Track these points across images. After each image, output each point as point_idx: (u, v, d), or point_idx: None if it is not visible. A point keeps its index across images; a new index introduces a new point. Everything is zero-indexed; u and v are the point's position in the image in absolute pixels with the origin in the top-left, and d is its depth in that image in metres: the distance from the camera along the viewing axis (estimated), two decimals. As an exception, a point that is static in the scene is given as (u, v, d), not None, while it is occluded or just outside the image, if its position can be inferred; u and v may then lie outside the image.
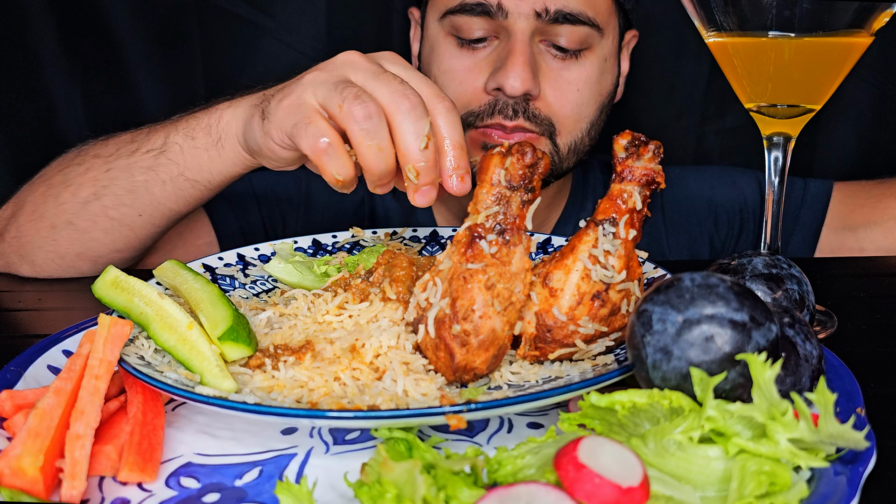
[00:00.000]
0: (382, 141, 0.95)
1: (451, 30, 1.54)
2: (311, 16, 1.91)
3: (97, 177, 1.32)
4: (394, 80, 0.97)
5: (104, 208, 1.32)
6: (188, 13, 1.89)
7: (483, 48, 1.52)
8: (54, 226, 1.36)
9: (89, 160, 1.35)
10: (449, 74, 1.56)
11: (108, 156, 1.33)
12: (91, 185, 1.33)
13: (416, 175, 0.95)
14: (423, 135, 0.94)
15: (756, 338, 0.71)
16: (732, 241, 1.77)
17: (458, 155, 0.97)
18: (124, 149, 1.32)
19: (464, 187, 0.98)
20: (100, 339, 0.80)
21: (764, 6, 0.99)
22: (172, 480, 0.76)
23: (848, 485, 0.68)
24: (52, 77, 1.86)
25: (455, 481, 0.65)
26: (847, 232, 1.65)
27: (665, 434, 0.69)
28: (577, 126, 1.56)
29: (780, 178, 1.10)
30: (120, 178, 1.30)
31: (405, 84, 0.97)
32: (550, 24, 1.47)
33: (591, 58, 1.53)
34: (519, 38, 1.46)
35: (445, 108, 0.98)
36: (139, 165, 1.29)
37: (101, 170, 1.32)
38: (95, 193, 1.32)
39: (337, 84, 0.98)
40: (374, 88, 0.97)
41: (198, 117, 1.24)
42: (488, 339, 0.81)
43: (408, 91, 0.96)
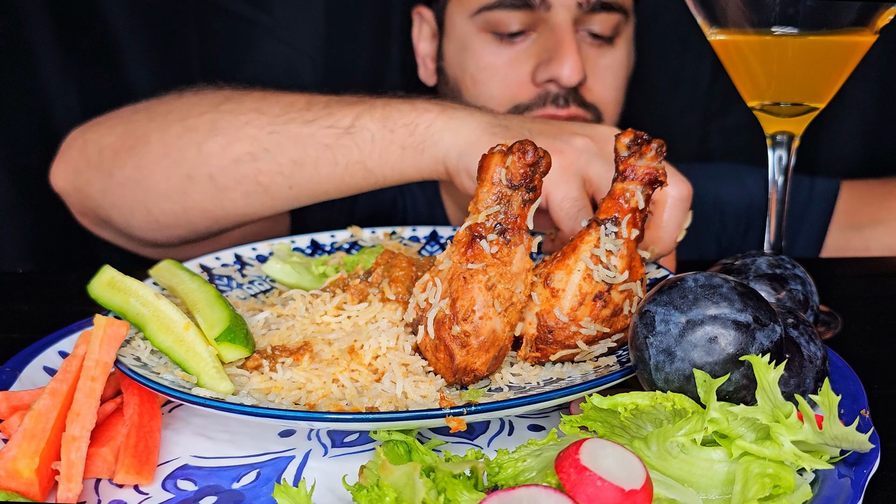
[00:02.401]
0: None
1: (485, 26, 1.54)
2: (309, 13, 1.91)
3: (258, 136, 1.19)
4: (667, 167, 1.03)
5: (257, 172, 1.20)
6: (185, 11, 1.88)
7: (521, 41, 1.54)
8: (192, 176, 1.22)
9: (248, 113, 1.21)
10: (490, 70, 1.56)
11: (276, 115, 1.20)
12: (249, 144, 1.19)
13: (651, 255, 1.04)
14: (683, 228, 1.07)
15: (760, 339, 0.71)
16: (739, 239, 1.77)
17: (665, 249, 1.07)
18: (297, 114, 1.19)
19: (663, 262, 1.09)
20: (96, 340, 0.80)
21: (767, 4, 0.99)
22: (169, 483, 0.75)
23: (852, 487, 0.68)
24: (49, 75, 1.85)
25: (455, 484, 0.64)
26: (853, 231, 1.65)
27: (668, 436, 0.68)
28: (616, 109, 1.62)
29: (783, 176, 1.10)
30: (287, 146, 1.17)
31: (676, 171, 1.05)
32: (587, 13, 1.50)
33: (620, 43, 1.59)
34: (564, 28, 1.49)
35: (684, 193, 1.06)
36: (317, 139, 1.16)
37: (265, 129, 1.19)
38: (252, 154, 1.19)
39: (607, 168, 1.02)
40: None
41: (401, 110, 1.15)
42: (489, 340, 0.81)
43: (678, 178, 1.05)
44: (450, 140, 1.11)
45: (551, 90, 1.52)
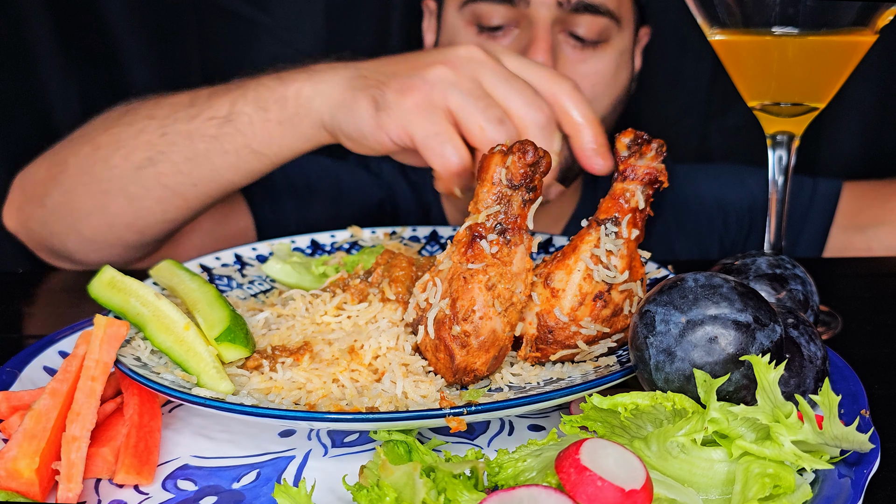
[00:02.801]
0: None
1: (471, 18, 1.54)
2: (310, 13, 1.91)
3: (152, 140, 1.23)
4: (525, 90, 0.98)
5: (159, 175, 1.24)
6: (185, 11, 1.88)
7: (503, 36, 1.52)
8: (106, 191, 1.27)
9: (141, 121, 1.26)
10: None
11: (164, 118, 1.25)
12: (145, 150, 1.24)
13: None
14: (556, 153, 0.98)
15: (760, 339, 0.71)
16: (742, 241, 1.76)
17: (596, 131, 0.98)
18: (183, 112, 1.23)
19: (606, 165, 0.98)
20: (96, 340, 0.80)
21: (767, 4, 0.99)
22: (169, 483, 0.75)
23: (852, 487, 0.68)
24: (49, 75, 1.85)
25: (455, 484, 0.64)
26: (856, 231, 1.64)
27: (668, 436, 0.68)
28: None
29: (783, 176, 1.10)
30: (179, 145, 1.22)
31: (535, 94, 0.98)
32: (571, 14, 1.47)
33: (608, 51, 1.53)
34: (541, 25, 1.47)
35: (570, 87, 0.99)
36: (201, 132, 1.21)
37: (156, 133, 1.23)
38: (150, 159, 1.23)
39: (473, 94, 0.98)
40: (506, 98, 0.98)
41: (269, 87, 1.18)
42: (489, 340, 0.81)
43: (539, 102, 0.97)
44: (320, 103, 1.13)
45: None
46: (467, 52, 1.02)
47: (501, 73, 1.00)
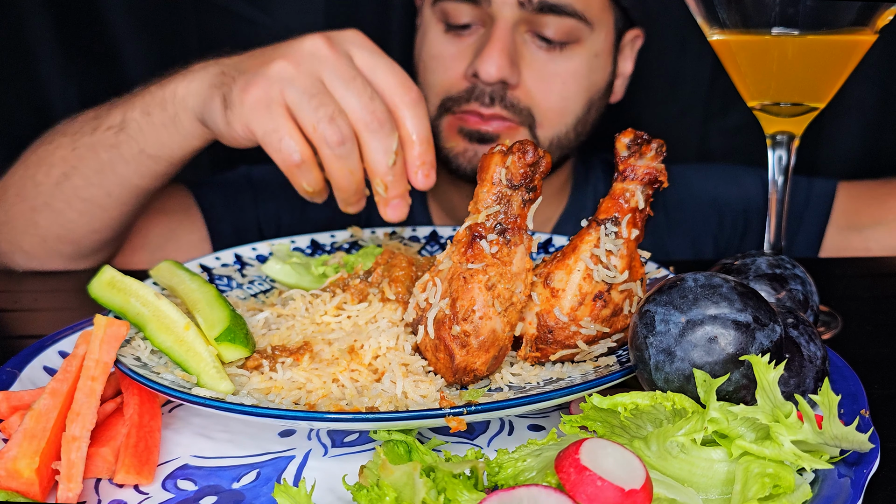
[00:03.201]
0: (353, 164, 0.98)
1: (441, 16, 1.54)
2: (310, 13, 1.91)
3: (65, 156, 1.32)
4: (364, 91, 0.97)
5: (75, 188, 1.32)
6: (186, 11, 1.88)
7: (469, 35, 1.52)
8: (34, 208, 1.36)
9: (58, 138, 1.35)
10: (436, 60, 1.57)
11: (74, 133, 1.33)
12: (61, 165, 1.32)
13: (384, 189, 0.99)
14: (391, 151, 0.97)
15: (760, 339, 0.71)
16: (737, 240, 1.76)
17: (423, 150, 0.98)
18: (87, 126, 1.31)
19: (428, 182, 0.99)
20: (96, 340, 0.80)
21: (767, 4, 0.99)
22: (169, 483, 0.75)
23: (852, 487, 0.68)
24: (49, 75, 1.85)
25: (455, 484, 0.64)
26: (853, 232, 1.64)
27: (668, 436, 0.68)
28: (561, 119, 1.55)
29: (783, 176, 1.10)
30: (86, 158, 1.30)
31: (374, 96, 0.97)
32: (536, 14, 1.46)
33: (578, 51, 1.52)
34: (500, 25, 1.46)
35: (412, 100, 0.99)
36: (102, 143, 1.28)
37: (69, 148, 1.32)
38: (65, 173, 1.32)
39: (308, 91, 0.97)
40: (343, 98, 0.97)
41: (152, 92, 1.23)
42: (489, 340, 0.81)
43: (377, 108, 0.97)
44: (192, 102, 1.16)
45: (477, 86, 1.49)
46: (312, 45, 1.02)
47: (342, 71, 0.99)
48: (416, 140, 0.99)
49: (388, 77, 1.00)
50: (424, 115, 1.00)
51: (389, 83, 1.00)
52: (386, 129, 0.98)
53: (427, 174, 1.00)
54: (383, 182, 0.99)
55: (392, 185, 0.99)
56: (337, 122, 0.97)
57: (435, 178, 1.01)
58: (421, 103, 1.00)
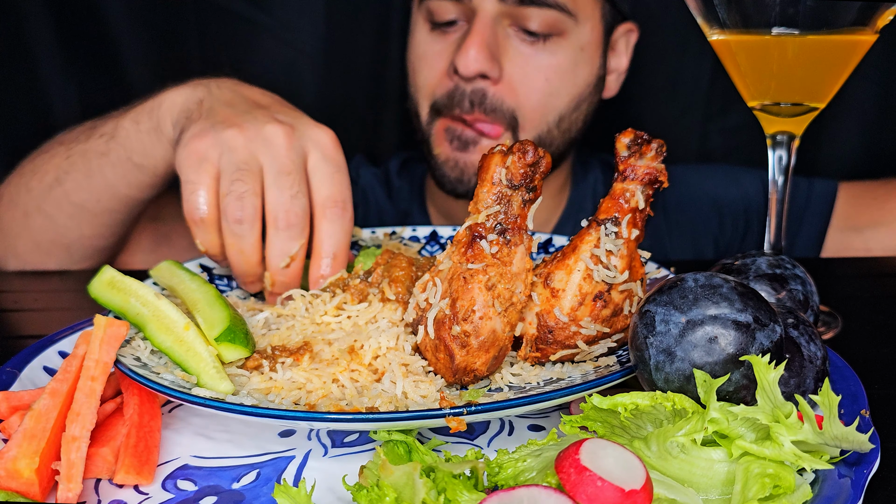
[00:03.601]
0: (246, 246, 0.98)
1: (427, 15, 1.55)
2: (310, 13, 1.90)
3: (59, 163, 1.35)
4: (289, 189, 0.98)
5: (66, 193, 1.35)
6: (186, 11, 1.88)
7: (453, 32, 1.52)
8: (27, 213, 1.39)
9: (54, 147, 1.38)
10: (422, 59, 1.57)
11: (70, 142, 1.36)
12: (54, 171, 1.35)
13: (271, 284, 1.00)
14: (287, 255, 0.98)
15: (760, 339, 0.71)
16: (737, 242, 1.76)
17: (328, 264, 1.00)
18: (83, 134, 1.34)
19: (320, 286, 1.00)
20: (96, 341, 0.79)
21: (767, 4, 0.99)
22: (169, 483, 0.75)
23: (852, 487, 0.68)
24: (49, 75, 1.85)
25: (455, 484, 0.64)
26: (853, 232, 1.64)
27: (668, 436, 0.68)
28: (543, 118, 1.54)
29: (783, 176, 1.10)
30: (78, 164, 1.33)
31: (298, 196, 0.98)
32: (518, 7, 1.46)
33: (563, 45, 1.51)
34: (480, 18, 1.46)
35: (334, 213, 1.00)
36: (94, 150, 1.31)
37: (63, 156, 1.35)
38: (58, 179, 1.35)
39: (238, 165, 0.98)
40: (268, 187, 0.98)
41: (145, 101, 1.25)
42: (489, 340, 0.81)
43: (295, 210, 0.98)
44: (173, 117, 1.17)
45: (459, 88, 1.49)
46: (272, 131, 1.02)
47: (282, 163, 0.99)
48: (323, 253, 0.99)
49: (324, 183, 1.01)
50: (343, 230, 1.00)
51: (322, 190, 1.00)
52: (292, 232, 0.98)
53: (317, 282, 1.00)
54: (272, 277, 1.00)
55: (279, 284, 1.00)
56: (243, 202, 0.97)
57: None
58: (344, 217, 1.00)
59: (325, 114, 1.97)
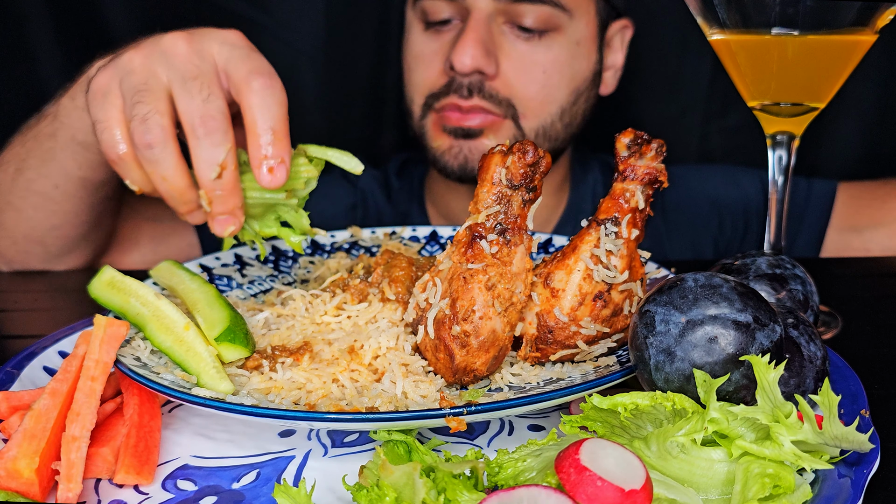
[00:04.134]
0: (166, 170, 0.88)
1: (420, 15, 1.55)
2: (310, 13, 1.90)
3: (18, 151, 1.34)
4: (201, 91, 0.88)
5: (28, 182, 1.33)
6: (186, 11, 1.88)
7: (448, 31, 1.53)
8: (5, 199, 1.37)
9: (16, 138, 1.37)
10: (417, 58, 1.58)
11: (28, 129, 1.34)
12: (15, 161, 1.34)
13: (208, 203, 0.89)
14: (216, 164, 0.86)
15: (760, 339, 0.71)
16: (737, 242, 1.75)
17: (268, 141, 0.87)
18: (35, 121, 1.32)
19: (275, 180, 0.88)
20: (96, 341, 0.79)
21: (767, 4, 0.99)
22: (169, 483, 0.75)
23: (852, 487, 0.68)
24: (49, 75, 1.85)
25: (455, 484, 0.64)
26: (853, 233, 1.64)
27: (668, 436, 0.68)
28: (544, 109, 1.54)
29: (783, 176, 1.10)
30: (33, 149, 1.30)
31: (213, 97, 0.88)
32: (511, 4, 1.46)
33: (558, 40, 1.52)
34: (475, 16, 1.47)
35: (261, 85, 0.88)
36: (44, 133, 1.28)
37: (20, 143, 1.34)
38: (18, 168, 1.33)
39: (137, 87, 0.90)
40: (177, 97, 0.89)
41: (75, 81, 1.21)
42: (488, 340, 0.81)
43: (209, 111, 0.87)
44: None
45: (457, 79, 1.50)
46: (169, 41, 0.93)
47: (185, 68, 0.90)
48: (259, 130, 0.87)
49: (239, 65, 0.90)
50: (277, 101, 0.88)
51: (239, 71, 0.89)
52: (215, 138, 0.87)
53: (272, 169, 0.87)
54: (207, 195, 0.88)
55: (217, 200, 0.88)
56: (148, 124, 0.87)
57: (284, 175, 0.89)
58: (271, 89, 0.89)
59: (325, 114, 1.98)
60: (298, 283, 1.14)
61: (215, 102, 0.88)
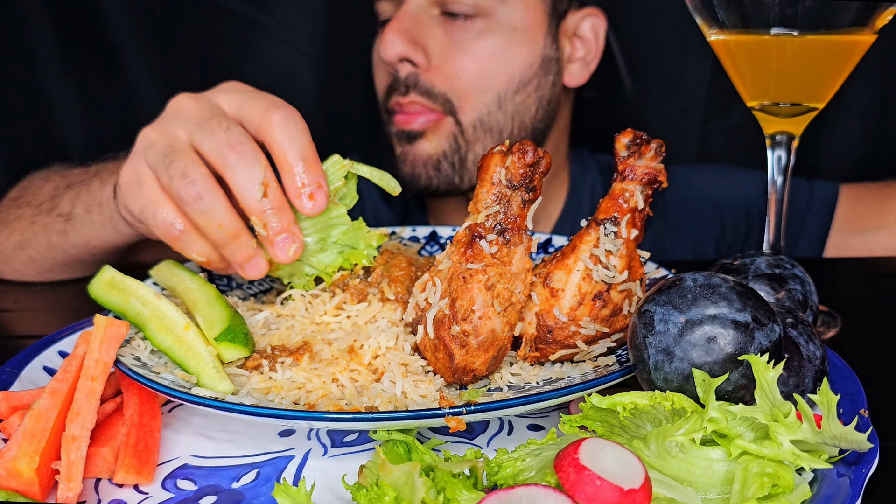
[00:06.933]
0: (221, 217, 0.87)
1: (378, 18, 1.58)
2: (309, 13, 1.91)
3: (24, 227, 1.35)
4: (218, 129, 0.88)
5: (31, 258, 1.35)
6: (186, 11, 1.88)
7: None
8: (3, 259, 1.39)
9: (23, 208, 1.37)
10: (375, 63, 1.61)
11: (37, 206, 1.34)
12: (19, 234, 1.35)
13: (263, 226, 0.88)
14: (257, 183, 0.86)
15: (759, 338, 0.71)
16: (738, 244, 1.75)
17: (303, 170, 0.87)
18: (46, 204, 1.33)
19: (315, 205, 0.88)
20: (96, 340, 0.80)
21: (766, 4, 0.99)
22: (169, 482, 0.75)
23: (851, 486, 0.68)
24: (49, 75, 1.85)
25: (454, 484, 0.64)
26: (855, 235, 1.63)
27: (667, 436, 0.68)
28: (479, 98, 1.53)
29: (783, 176, 1.10)
30: (40, 235, 1.32)
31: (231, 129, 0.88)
32: None
33: (490, 27, 1.51)
34: (405, 7, 1.48)
35: (281, 117, 0.88)
36: (54, 227, 1.30)
37: (28, 221, 1.34)
38: (22, 243, 1.35)
39: (163, 151, 0.90)
40: (200, 143, 0.89)
41: (93, 191, 1.21)
42: (488, 339, 0.81)
43: (233, 138, 0.87)
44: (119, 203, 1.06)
45: (396, 77, 1.51)
46: (175, 105, 0.94)
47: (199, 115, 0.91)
48: (290, 160, 0.87)
49: (254, 104, 0.90)
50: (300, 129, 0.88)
51: (256, 109, 0.89)
52: (247, 161, 0.86)
53: (312, 196, 0.87)
54: (259, 220, 0.87)
55: (270, 220, 0.87)
56: (190, 176, 0.87)
57: (324, 200, 0.89)
58: (292, 119, 0.88)
59: (324, 114, 1.98)
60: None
61: (236, 129, 0.89)
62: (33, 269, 1.37)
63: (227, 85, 0.96)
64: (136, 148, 0.94)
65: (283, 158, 0.87)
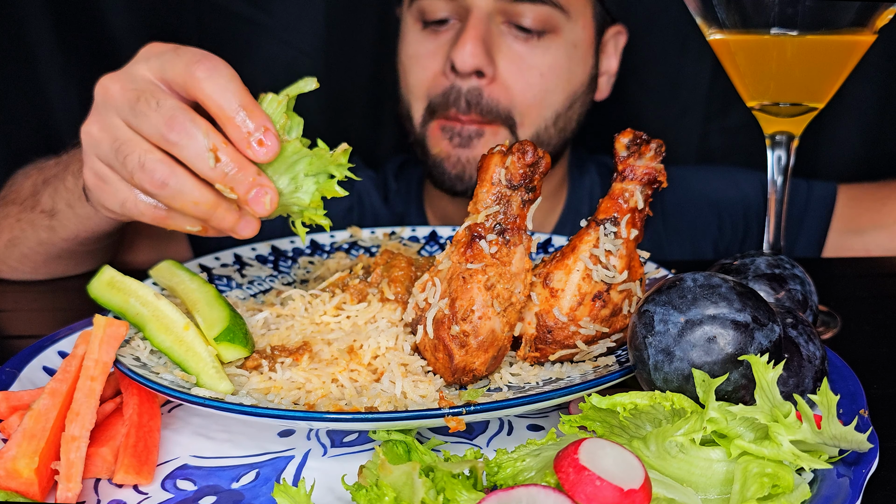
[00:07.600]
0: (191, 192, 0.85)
1: (418, 15, 1.55)
2: (310, 13, 1.91)
3: (12, 225, 1.35)
4: (148, 109, 0.85)
5: (23, 255, 1.36)
6: (186, 11, 1.88)
7: (446, 31, 1.52)
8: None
9: (9, 206, 1.38)
10: (413, 59, 1.57)
11: (21, 203, 1.35)
12: (8, 232, 1.36)
13: (230, 190, 0.84)
14: (206, 151, 0.83)
15: (759, 339, 0.71)
16: (737, 244, 1.75)
17: (244, 118, 0.83)
18: (29, 201, 1.33)
19: (269, 150, 0.83)
20: (95, 341, 0.80)
21: (766, 4, 0.99)
22: (168, 483, 0.75)
23: (851, 487, 0.68)
24: (49, 76, 1.85)
25: (454, 484, 0.64)
26: (853, 235, 1.64)
27: (667, 436, 0.68)
28: (540, 113, 1.54)
29: (782, 176, 1.10)
30: (28, 232, 1.33)
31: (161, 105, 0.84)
32: (511, 3, 1.46)
33: (556, 41, 1.51)
34: (475, 14, 1.46)
35: (205, 72, 0.84)
36: (40, 224, 1.30)
37: (14, 219, 1.35)
38: (12, 241, 1.35)
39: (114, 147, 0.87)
40: (138, 129, 0.86)
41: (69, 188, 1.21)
42: (488, 339, 0.81)
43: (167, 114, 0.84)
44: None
45: (455, 87, 1.49)
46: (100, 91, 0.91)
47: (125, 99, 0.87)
48: (228, 113, 0.82)
49: (175, 65, 0.85)
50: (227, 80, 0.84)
51: (177, 70, 0.85)
52: (188, 133, 0.83)
53: (261, 142, 0.82)
54: (224, 185, 0.84)
55: (233, 182, 0.84)
56: (148, 166, 0.84)
57: (276, 143, 0.84)
58: (217, 69, 0.84)
59: (325, 114, 1.98)
60: (298, 283, 1.14)
61: (167, 103, 0.85)
62: (27, 266, 1.38)
63: (144, 51, 0.92)
64: (84, 148, 0.92)
65: (221, 113, 0.84)
